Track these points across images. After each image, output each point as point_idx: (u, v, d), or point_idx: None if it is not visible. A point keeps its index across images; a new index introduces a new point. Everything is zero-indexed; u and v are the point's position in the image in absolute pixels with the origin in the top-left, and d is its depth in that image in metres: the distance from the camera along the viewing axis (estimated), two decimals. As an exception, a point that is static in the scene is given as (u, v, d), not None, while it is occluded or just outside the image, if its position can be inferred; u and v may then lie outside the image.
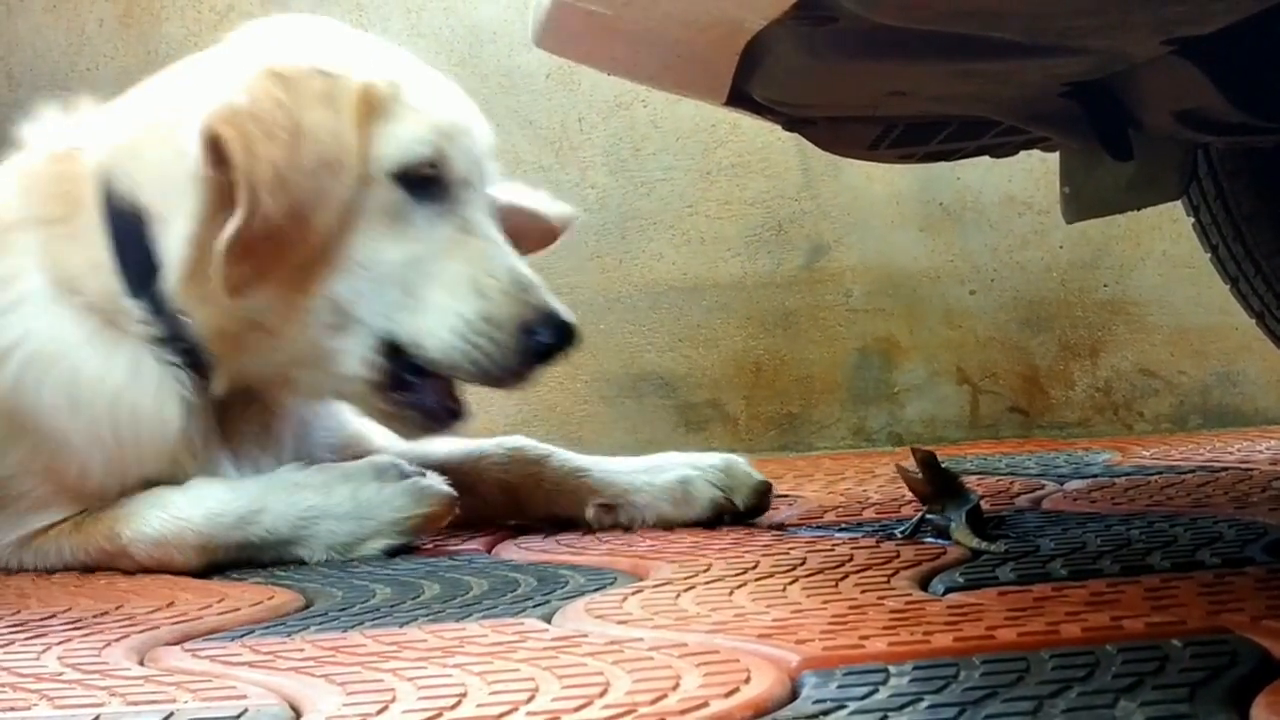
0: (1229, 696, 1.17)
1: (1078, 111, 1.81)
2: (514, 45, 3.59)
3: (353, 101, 2.12)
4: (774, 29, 1.53)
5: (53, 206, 2.27)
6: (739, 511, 2.30)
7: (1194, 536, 1.89)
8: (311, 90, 2.11)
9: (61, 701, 1.40)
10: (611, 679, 1.34)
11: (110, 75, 3.60)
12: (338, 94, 2.12)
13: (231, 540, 2.18)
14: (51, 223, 2.26)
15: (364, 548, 2.18)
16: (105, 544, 2.22)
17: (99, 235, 2.21)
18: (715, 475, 2.32)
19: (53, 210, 2.26)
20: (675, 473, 2.32)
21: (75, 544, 2.25)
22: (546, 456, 2.39)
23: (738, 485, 2.31)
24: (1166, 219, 3.47)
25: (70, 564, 2.25)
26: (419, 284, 2.14)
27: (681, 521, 2.29)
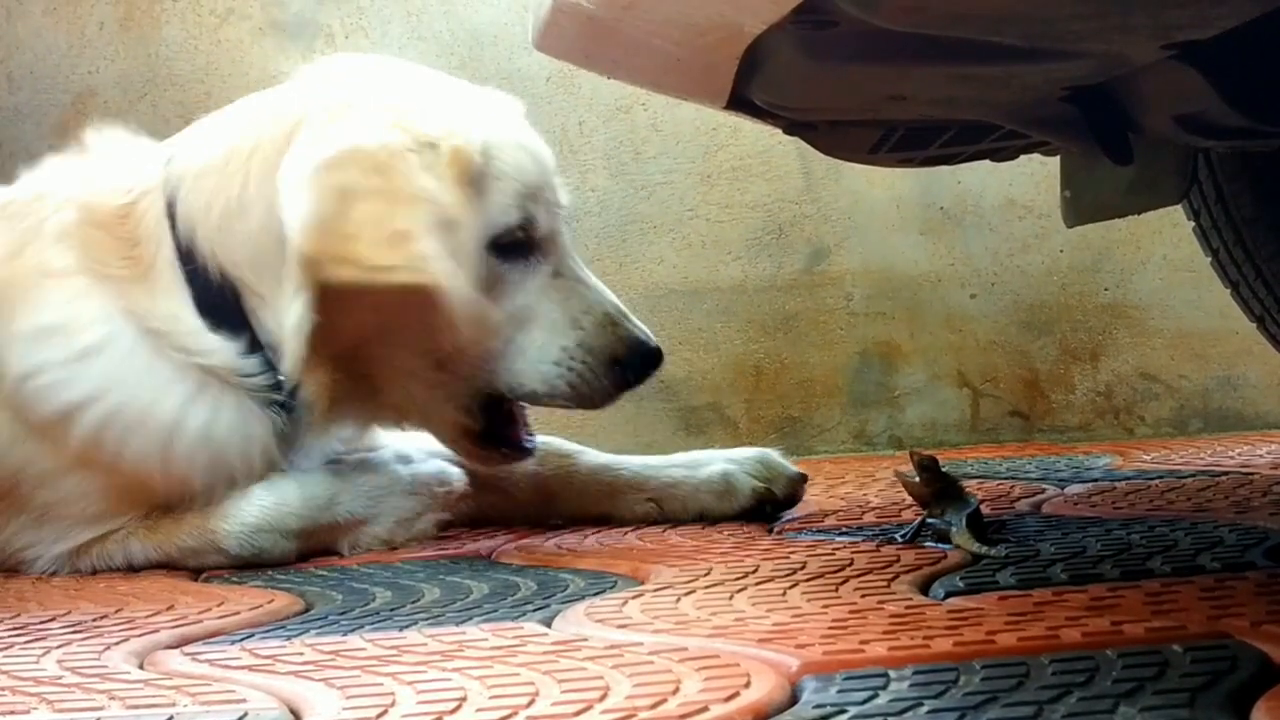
0: (1229, 702, 1.17)
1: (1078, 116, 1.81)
2: (514, 48, 3.60)
3: (451, 172, 2.11)
4: (774, 33, 1.53)
5: (119, 265, 2.25)
6: (778, 501, 2.39)
7: (1195, 541, 1.89)
8: (411, 166, 2.09)
9: (61, 705, 1.40)
10: (611, 683, 1.33)
11: (111, 78, 3.60)
12: (436, 166, 2.11)
13: (323, 522, 2.25)
14: (121, 280, 2.24)
15: (422, 522, 2.31)
16: (190, 540, 2.23)
17: (181, 298, 2.22)
18: (753, 467, 2.41)
19: (120, 269, 2.25)
20: (715, 467, 2.41)
21: (151, 544, 2.25)
22: (577, 453, 2.46)
23: (775, 476, 2.41)
24: (1167, 223, 3.47)
25: (137, 564, 2.25)
26: (517, 334, 2.20)
27: (722, 514, 2.37)
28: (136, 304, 2.23)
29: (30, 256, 2.27)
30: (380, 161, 2.08)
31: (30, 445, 2.24)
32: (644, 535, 2.29)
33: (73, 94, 3.60)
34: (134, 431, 2.20)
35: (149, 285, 2.23)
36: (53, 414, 2.21)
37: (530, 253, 2.21)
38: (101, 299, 2.23)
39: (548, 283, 2.22)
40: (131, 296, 2.23)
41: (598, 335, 2.21)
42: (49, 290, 2.25)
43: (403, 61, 2.38)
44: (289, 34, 3.61)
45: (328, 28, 3.62)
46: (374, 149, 2.09)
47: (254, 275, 2.20)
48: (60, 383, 2.20)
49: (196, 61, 3.61)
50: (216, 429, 2.21)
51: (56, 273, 2.25)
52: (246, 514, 2.22)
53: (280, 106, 2.25)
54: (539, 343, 2.19)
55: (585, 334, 2.21)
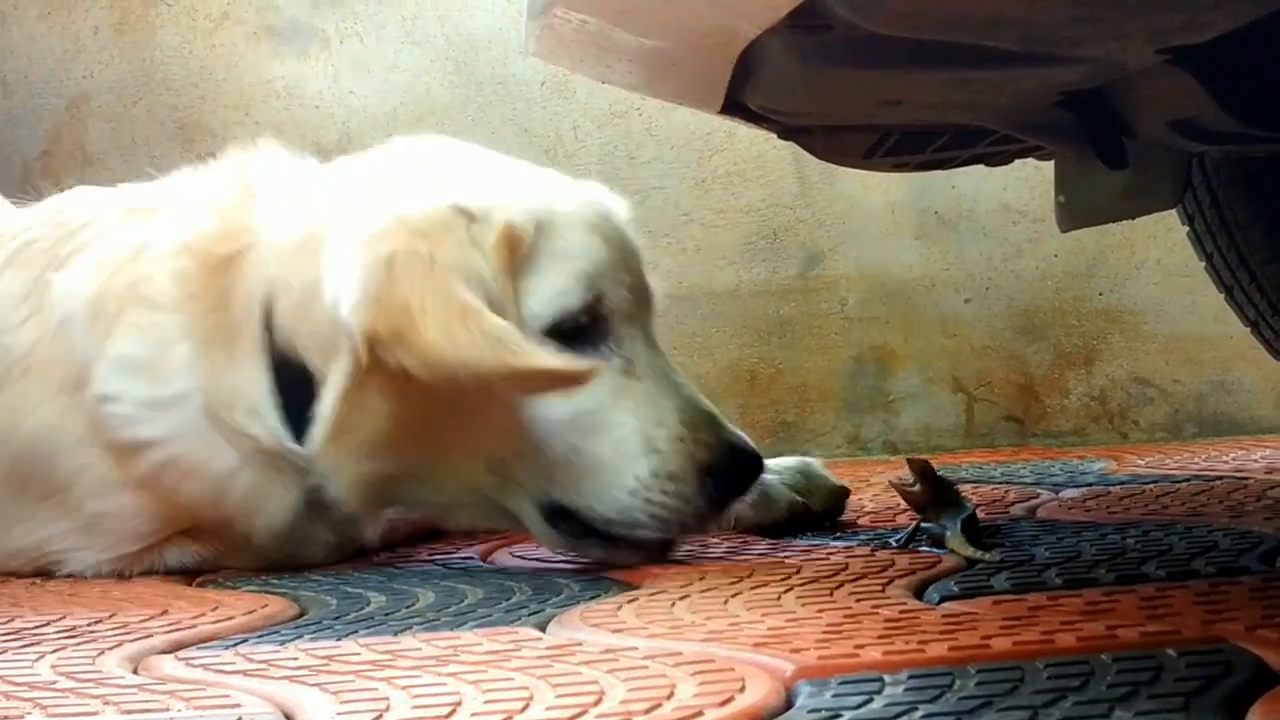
0: (1224, 706, 1.17)
1: (1072, 120, 1.81)
2: (509, 53, 3.59)
3: (495, 251, 1.99)
4: (768, 38, 1.53)
5: (207, 319, 2.19)
6: (816, 514, 2.28)
7: (1189, 545, 1.89)
8: (456, 239, 1.99)
9: (55, 710, 1.40)
10: (606, 688, 1.33)
11: (106, 83, 3.60)
12: (483, 241, 1.99)
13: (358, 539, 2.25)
14: (205, 336, 2.18)
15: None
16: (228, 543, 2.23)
17: (258, 370, 2.15)
18: (793, 478, 2.30)
19: (208, 322, 2.18)
20: None
21: (187, 551, 2.25)
22: None
23: (815, 489, 2.31)
24: (1161, 228, 3.47)
25: (170, 570, 2.25)
26: (584, 443, 2.00)
27: (759, 525, 2.25)
28: (214, 366, 2.17)
29: (137, 274, 2.23)
30: (425, 229, 1.98)
31: (97, 453, 2.23)
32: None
33: (67, 99, 3.60)
34: (189, 479, 2.19)
35: (231, 349, 2.17)
36: (123, 441, 2.20)
37: (601, 340, 2.04)
38: (187, 351, 2.18)
39: (620, 382, 2.03)
40: (213, 356, 2.18)
41: (679, 453, 1.99)
42: (147, 320, 2.21)
43: (480, 149, 2.28)
44: (283, 39, 3.61)
45: (322, 33, 3.62)
46: (418, 217, 2.00)
47: (322, 361, 2.07)
48: (134, 419, 2.19)
49: (191, 66, 3.61)
50: (252, 499, 2.18)
51: (157, 304, 2.21)
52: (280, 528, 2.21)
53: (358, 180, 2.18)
54: (609, 464, 1.99)
55: (664, 457, 1.99)
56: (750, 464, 2.05)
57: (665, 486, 1.98)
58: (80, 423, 2.24)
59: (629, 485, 1.99)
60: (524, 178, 2.18)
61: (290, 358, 2.13)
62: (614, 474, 1.99)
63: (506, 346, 1.90)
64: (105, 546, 2.26)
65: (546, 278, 2.02)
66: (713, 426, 2.04)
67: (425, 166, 2.18)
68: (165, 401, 2.20)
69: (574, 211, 2.09)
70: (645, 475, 1.99)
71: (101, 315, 2.23)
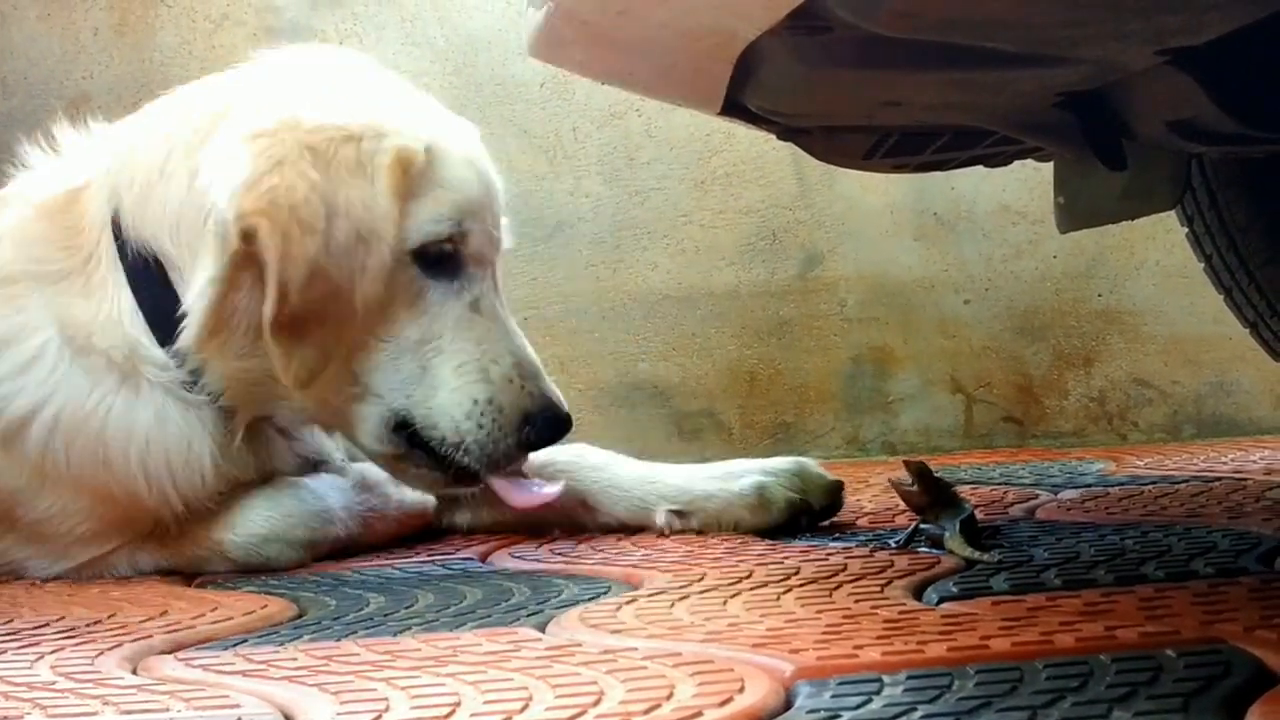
0: (1223, 707, 1.17)
1: (1071, 121, 1.81)
2: (508, 54, 3.59)
3: (389, 172, 2.09)
4: (768, 39, 1.53)
5: (58, 258, 2.24)
6: (814, 513, 2.31)
7: (1188, 546, 1.89)
8: (346, 161, 2.08)
9: (54, 710, 1.40)
10: (605, 688, 1.33)
11: (105, 84, 3.60)
12: (373, 164, 2.09)
13: (327, 536, 2.27)
14: (58, 277, 2.23)
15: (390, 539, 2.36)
16: (197, 549, 2.24)
17: (115, 284, 2.20)
18: (789, 479, 2.33)
19: (59, 262, 2.24)
20: (749, 479, 2.33)
21: (160, 555, 2.26)
22: (610, 462, 2.41)
23: (811, 487, 2.33)
24: (1160, 229, 3.47)
25: (145, 572, 2.25)
26: (432, 361, 2.15)
27: (756, 528, 2.29)
28: (67, 304, 2.21)
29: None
30: (315, 144, 2.07)
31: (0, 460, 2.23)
32: (638, 541, 2.28)
33: (67, 100, 3.60)
34: (72, 439, 2.19)
35: (85, 276, 2.22)
36: (7, 428, 2.21)
37: (456, 274, 2.17)
38: (37, 304, 2.22)
39: (466, 315, 2.17)
40: (66, 293, 2.22)
41: (508, 391, 2.15)
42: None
43: (360, 58, 2.36)
44: (283, 40, 3.61)
45: (322, 33, 3.62)
46: (310, 124, 2.09)
47: (174, 247, 2.16)
48: (8, 395, 2.20)
49: (191, 67, 3.60)
50: (135, 430, 2.18)
51: (2, 280, 2.24)
52: (250, 525, 2.23)
53: (220, 87, 2.26)
54: (449, 384, 2.14)
55: (494, 388, 2.15)
56: (562, 422, 2.19)
57: (495, 416, 2.15)
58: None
59: (466, 407, 2.14)
60: (411, 104, 2.26)
61: (145, 257, 2.18)
62: (455, 395, 2.14)
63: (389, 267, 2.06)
64: (56, 557, 2.26)
65: (423, 204, 2.14)
66: (537, 378, 2.19)
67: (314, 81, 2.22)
68: (27, 363, 2.20)
69: (457, 145, 2.21)
70: (482, 400, 2.15)
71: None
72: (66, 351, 2.20)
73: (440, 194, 2.15)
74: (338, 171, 2.07)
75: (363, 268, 2.07)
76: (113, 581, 2.22)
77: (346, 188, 2.07)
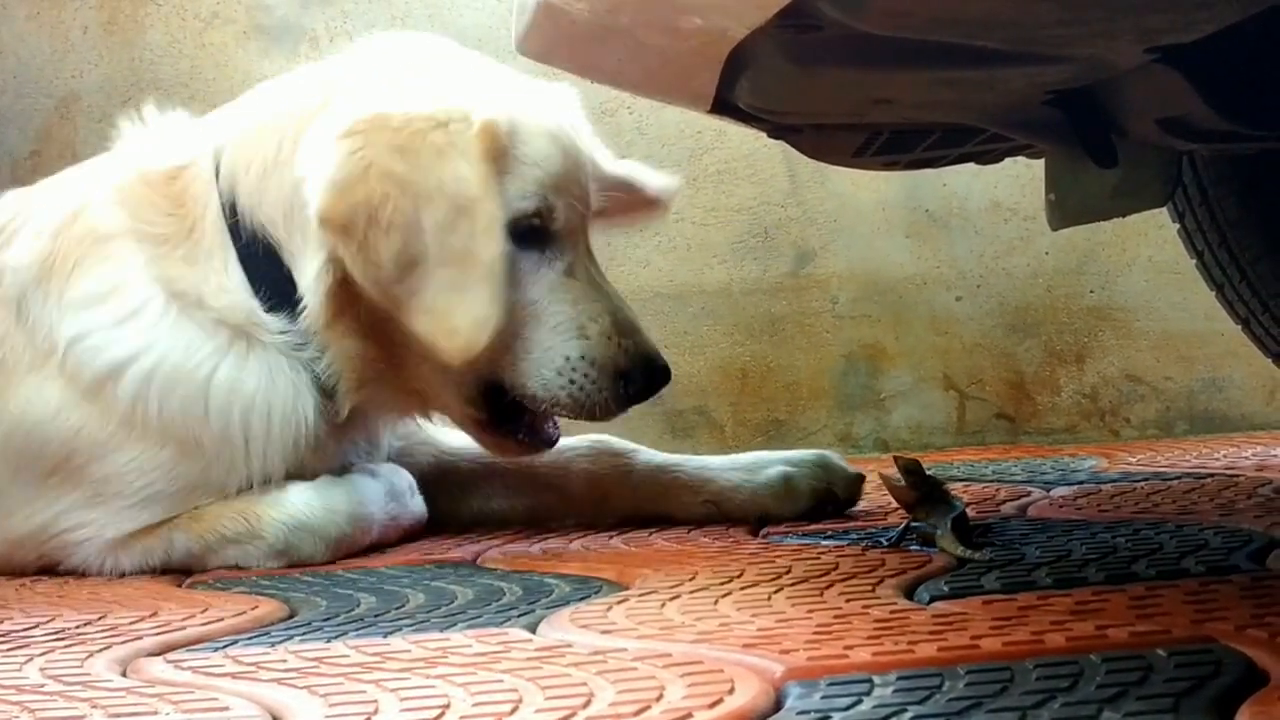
0: (1214, 707, 1.17)
1: (1062, 119, 1.81)
2: (499, 52, 3.56)
3: (477, 147, 2.12)
4: (758, 37, 1.53)
5: (163, 222, 2.29)
6: (839, 501, 2.38)
7: (1180, 544, 1.89)
8: (434, 147, 2.11)
9: (43, 713, 1.40)
10: (595, 689, 1.33)
11: (95, 82, 3.59)
12: (462, 145, 2.12)
13: (356, 540, 2.28)
14: (161, 240, 2.28)
15: None
16: (231, 526, 2.24)
17: (225, 259, 2.25)
18: (812, 471, 2.40)
19: (162, 227, 2.28)
20: (775, 469, 2.40)
21: (192, 535, 2.26)
22: (633, 452, 2.46)
23: (835, 479, 2.40)
24: (1152, 225, 3.48)
25: (172, 562, 2.26)
26: (524, 328, 2.19)
27: (781, 516, 2.36)
28: (171, 265, 2.26)
29: (84, 222, 2.32)
30: (402, 141, 2.10)
31: (82, 410, 2.26)
32: (630, 539, 2.28)
33: (56, 98, 3.59)
34: (170, 388, 2.23)
35: (190, 243, 2.27)
36: (98, 375, 2.24)
37: (546, 245, 2.21)
38: (142, 260, 2.27)
39: (560, 280, 2.21)
40: (169, 256, 2.27)
41: (603, 346, 2.20)
42: (97, 256, 2.29)
43: (448, 41, 2.39)
44: (273, 38, 3.61)
45: (312, 31, 3.61)
46: (398, 120, 2.12)
47: (286, 233, 2.22)
48: (103, 344, 2.24)
49: (181, 66, 3.61)
50: (244, 384, 2.23)
51: (104, 236, 2.30)
52: (294, 508, 2.24)
53: (320, 75, 2.31)
54: (544, 344, 2.19)
55: (590, 344, 2.19)
56: (660, 375, 2.24)
57: (588, 370, 2.19)
58: (56, 387, 2.27)
59: (557, 364, 2.19)
60: (496, 81, 2.29)
61: (255, 236, 2.23)
62: (547, 353, 2.19)
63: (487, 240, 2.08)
64: (108, 521, 2.26)
65: (509, 180, 2.17)
66: (635, 334, 2.24)
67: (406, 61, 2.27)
68: (128, 314, 2.25)
69: (539, 118, 2.24)
70: (575, 356, 2.19)
71: (54, 274, 2.30)
72: (172, 307, 2.25)
73: (524, 170, 2.18)
74: (427, 158, 2.10)
75: (471, 234, 2.09)
76: (103, 582, 2.21)
77: (438, 171, 2.10)
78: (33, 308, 2.30)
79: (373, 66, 2.27)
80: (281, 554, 2.23)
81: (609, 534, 2.35)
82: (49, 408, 2.27)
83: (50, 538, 2.29)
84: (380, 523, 2.33)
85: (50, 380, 2.27)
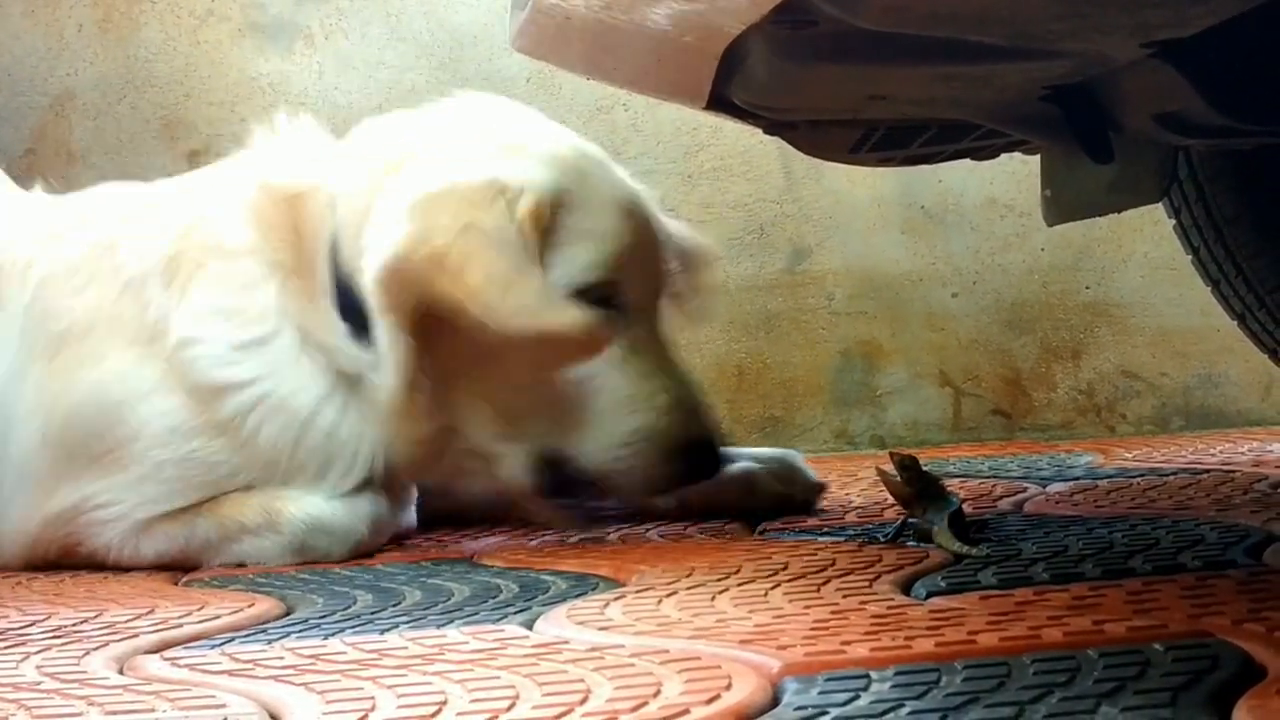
0: (1211, 701, 1.17)
1: (1058, 114, 1.81)
2: (494, 49, 3.59)
3: (531, 217, 2.10)
4: (753, 33, 1.53)
5: (287, 250, 2.28)
6: (796, 503, 2.41)
7: (1176, 539, 1.89)
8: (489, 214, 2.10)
9: (39, 711, 1.39)
10: (592, 686, 1.33)
11: (90, 80, 3.59)
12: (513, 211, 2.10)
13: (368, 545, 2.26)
14: (287, 269, 2.28)
15: None
16: (253, 517, 2.24)
17: (328, 300, 2.25)
18: (776, 468, 2.43)
19: (288, 254, 2.28)
20: (740, 465, 2.40)
21: (213, 520, 2.26)
22: None
23: (796, 481, 2.43)
24: (1148, 221, 3.48)
25: (190, 550, 2.26)
26: (586, 400, 2.17)
27: (741, 511, 2.37)
28: (297, 300, 2.26)
29: (210, 229, 2.31)
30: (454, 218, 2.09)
31: (175, 398, 2.26)
32: (626, 536, 2.28)
33: (51, 96, 3.59)
34: (274, 415, 2.24)
35: (311, 278, 2.26)
36: (211, 384, 2.24)
37: (612, 320, 2.17)
38: (270, 291, 2.27)
39: (628, 354, 2.18)
40: (293, 291, 2.26)
41: (665, 423, 2.17)
42: (225, 269, 2.28)
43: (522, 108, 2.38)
44: (268, 35, 3.61)
45: (307, 29, 3.61)
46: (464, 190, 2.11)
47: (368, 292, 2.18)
48: (224, 360, 2.24)
49: (175, 63, 3.60)
50: (340, 430, 2.25)
51: (231, 251, 2.29)
52: (315, 506, 2.24)
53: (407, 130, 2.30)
54: (609, 416, 2.17)
55: (652, 419, 2.17)
56: (708, 465, 2.22)
57: (645, 448, 2.17)
58: (156, 370, 2.26)
59: (619, 438, 2.17)
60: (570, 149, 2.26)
61: (352, 290, 2.21)
62: (609, 425, 2.17)
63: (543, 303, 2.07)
64: (143, 501, 2.26)
65: (571, 251, 2.15)
66: (698, 416, 2.22)
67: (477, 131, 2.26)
68: (257, 341, 2.26)
69: (607, 192, 2.22)
70: (636, 428, 2.17)
71: (179, 272, 2.29)
72: (298, 342, 2.25)
73: (587, 243, 2.16)
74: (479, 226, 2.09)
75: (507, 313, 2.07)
76: (100, 579, 2.21)
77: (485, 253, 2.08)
78: (150, 292, 2.29)
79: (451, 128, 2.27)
80: (298, 551, 2.23)
81: (605, 531, 2.35)
82: (141, 387, 2.26)
83: (80, 515, 2.28)
84: (392, 530, 2.33)
85: (151, 362, 2.27)
